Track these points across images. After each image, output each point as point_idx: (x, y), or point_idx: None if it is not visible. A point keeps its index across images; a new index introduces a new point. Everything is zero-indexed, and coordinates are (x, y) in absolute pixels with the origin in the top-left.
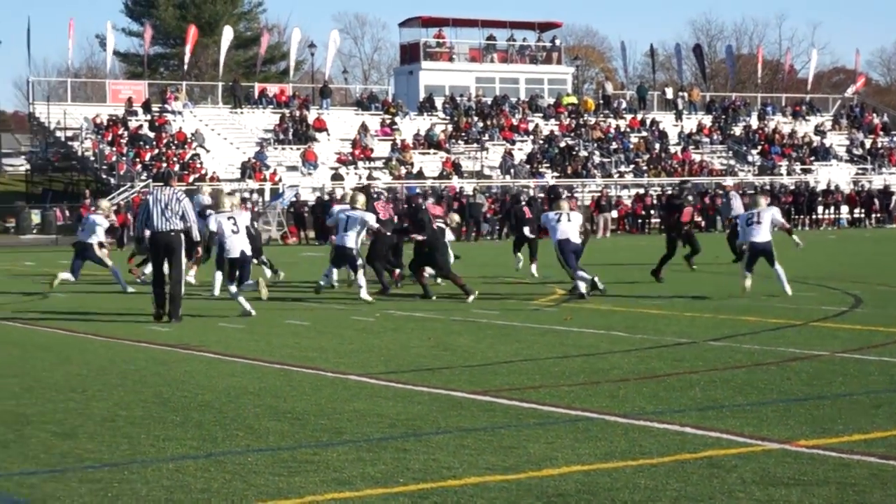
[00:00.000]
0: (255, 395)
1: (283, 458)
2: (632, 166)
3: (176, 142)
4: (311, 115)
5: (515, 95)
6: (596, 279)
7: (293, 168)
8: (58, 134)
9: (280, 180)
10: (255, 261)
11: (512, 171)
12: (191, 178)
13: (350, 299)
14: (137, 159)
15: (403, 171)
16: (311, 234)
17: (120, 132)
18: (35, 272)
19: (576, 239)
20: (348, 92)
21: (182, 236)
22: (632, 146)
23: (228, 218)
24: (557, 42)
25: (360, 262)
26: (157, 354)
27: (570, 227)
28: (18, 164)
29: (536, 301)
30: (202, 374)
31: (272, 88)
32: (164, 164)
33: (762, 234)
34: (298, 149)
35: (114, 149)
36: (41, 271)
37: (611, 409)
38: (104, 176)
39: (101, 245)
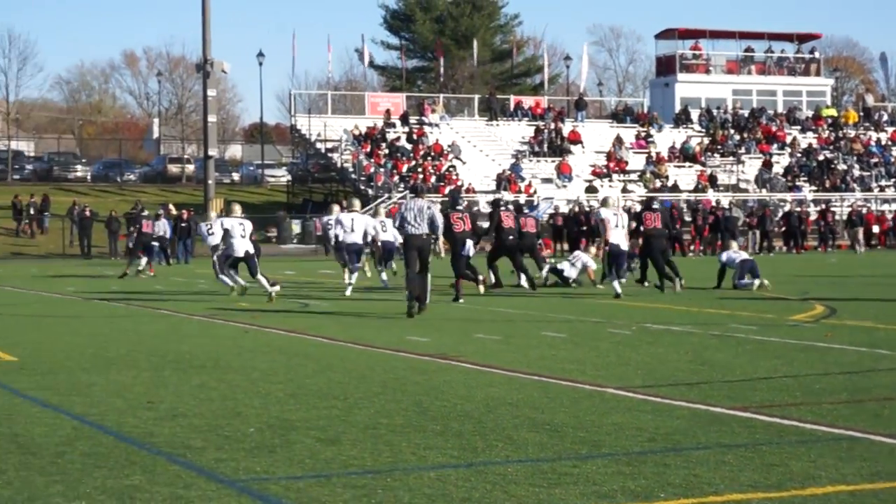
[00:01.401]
0: (513, 406)
1: (542, 469)
2: (893, 180)
3: (433, 153)
4: (566, 128)
5: (773, 107)
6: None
7: (548, 180)
8: (318, 146)
9: (535, 192)
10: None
11: (768, 184)
12: (446, 190)
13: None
14: (395, 171)
15: (658, 183)
16: (566, 245)
17: (378, 143)
18: (297, 280)
19: (625, 245)
20: (603, 104)
21: (430, 239)
22: (893, 159)
23: (239, 224)
24: (816, 53)
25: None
26: (416, 363)
27: (620, 233)
28: (280, 174)
29: (796, 317)
30: (461, 383)
31: (527, 101)
32: (421, 176)
33: None
34: (553, 161)
35: (372, 160)
36: (300, 279)
37: (875, 428)
38: (362, 187)
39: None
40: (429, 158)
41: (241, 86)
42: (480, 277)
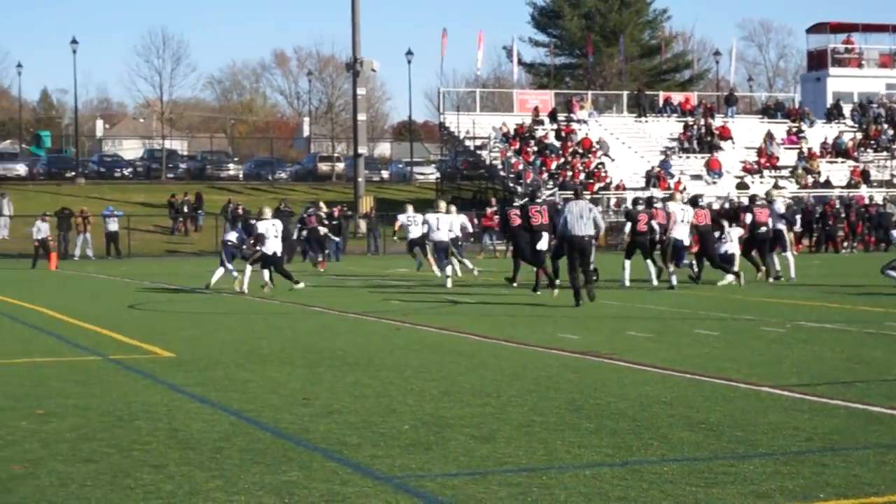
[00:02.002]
0: (667, 404)
1: (698, 468)
2: None
3: (581, 150)
4: (716, 123)
5: None
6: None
7: (697, 177)
8: (466, 143)
9: (684, 189)
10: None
11: None
12: (595, 187)
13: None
14: (544, 168)
15: (810, 179)
16: None
17: (527, 141)
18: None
19: (687, 241)
20: (753, 100)
21: (592, 239)
22: None
23: (272, 225)
24: None
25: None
26: (569, 361)
27: (684, 228)
28: (429, 172)
29: None
30: (614, 381)
31: (676, 96)
32: (570, 173)
33: None
34: (703, 157)
35: (521, 157)
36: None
37: None
38: (511, 184)
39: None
40: (577, 155)
41: (390, 84)
42: (557, 282)
